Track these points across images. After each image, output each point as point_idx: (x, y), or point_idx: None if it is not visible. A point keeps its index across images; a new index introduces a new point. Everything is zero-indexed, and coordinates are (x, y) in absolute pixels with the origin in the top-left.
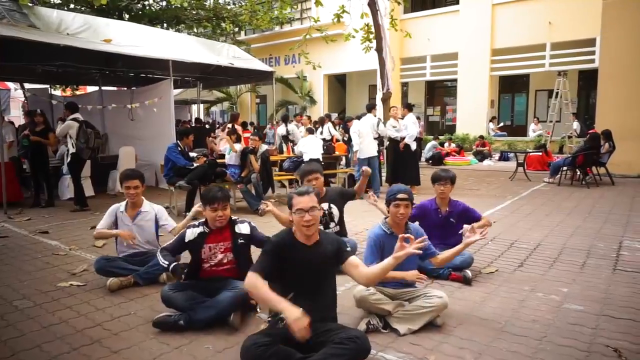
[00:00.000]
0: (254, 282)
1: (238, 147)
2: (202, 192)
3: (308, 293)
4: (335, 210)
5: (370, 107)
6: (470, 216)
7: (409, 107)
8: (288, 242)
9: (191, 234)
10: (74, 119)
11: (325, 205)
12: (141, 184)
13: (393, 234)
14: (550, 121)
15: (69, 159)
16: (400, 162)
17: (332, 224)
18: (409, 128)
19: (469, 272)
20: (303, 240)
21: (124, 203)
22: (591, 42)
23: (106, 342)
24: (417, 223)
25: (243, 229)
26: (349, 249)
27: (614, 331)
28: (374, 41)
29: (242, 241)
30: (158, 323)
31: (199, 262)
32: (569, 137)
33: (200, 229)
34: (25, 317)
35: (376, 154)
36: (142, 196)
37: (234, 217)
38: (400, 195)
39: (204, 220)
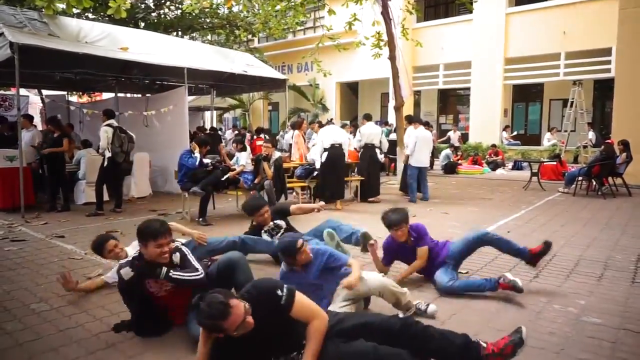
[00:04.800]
0: None
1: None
2: (140, 226)
3: None
4: (281, 222)
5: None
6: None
7: (367, 117)
8: None
9: (126, 273)
10: (109, 125)
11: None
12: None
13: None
14: (565, 130)
15: (105, 163)
16: (370, 171)
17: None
18: (362, 137)
19: (519, 282)
20: None
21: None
22: (607, 51)
23: (121, 347)
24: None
25: (175, 258)
26: (283, 293)
27: (634, 346)
28: (384, 48)
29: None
30: None
31: (149, 298)
32: (584, 146)
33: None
34: (42, 320)
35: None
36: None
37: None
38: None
39: (134, 256)
